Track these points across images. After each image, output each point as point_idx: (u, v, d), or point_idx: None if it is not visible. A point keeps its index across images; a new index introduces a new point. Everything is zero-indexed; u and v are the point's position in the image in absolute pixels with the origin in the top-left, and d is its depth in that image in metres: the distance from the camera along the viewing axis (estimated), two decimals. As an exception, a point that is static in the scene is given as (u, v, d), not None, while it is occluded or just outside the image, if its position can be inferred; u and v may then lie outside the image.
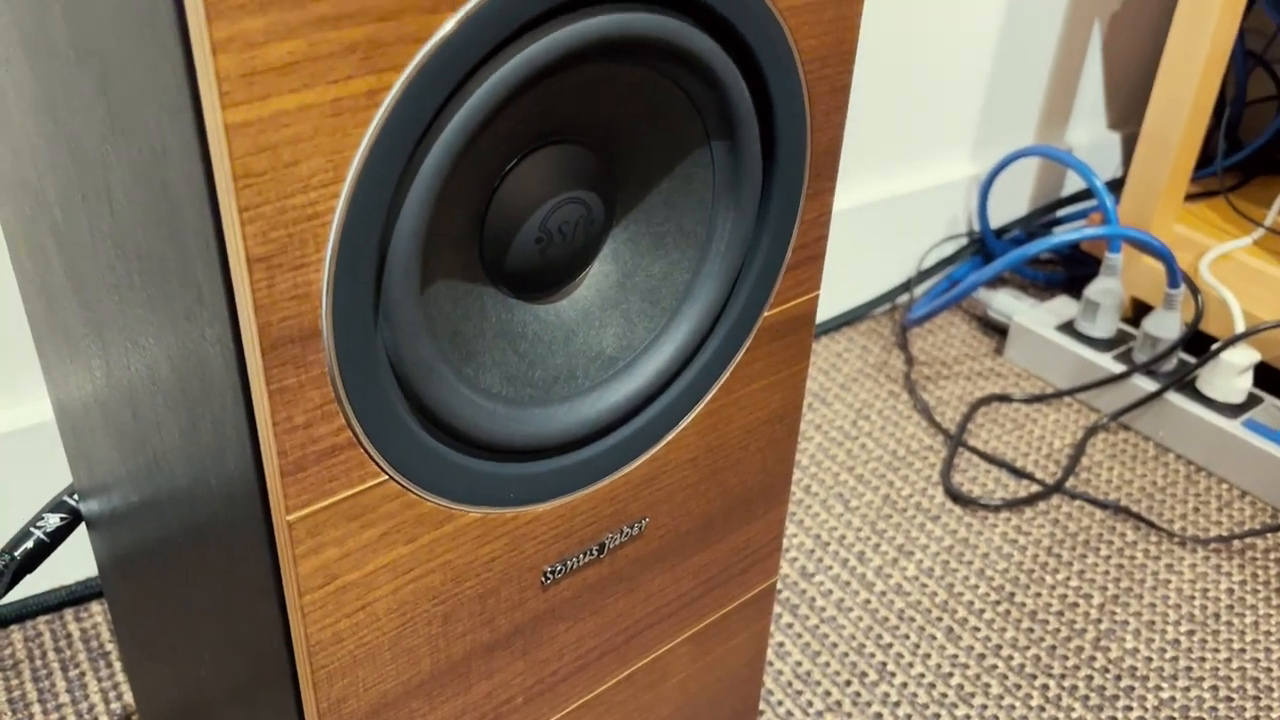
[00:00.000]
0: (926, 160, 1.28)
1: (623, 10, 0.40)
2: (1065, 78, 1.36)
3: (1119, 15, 1.37)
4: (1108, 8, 1.35)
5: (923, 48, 1.18)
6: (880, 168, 1.24)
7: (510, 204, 0.44)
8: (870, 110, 1.18)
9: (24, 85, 0.45)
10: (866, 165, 1.22)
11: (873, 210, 1.24)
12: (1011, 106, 1.33)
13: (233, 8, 0.31)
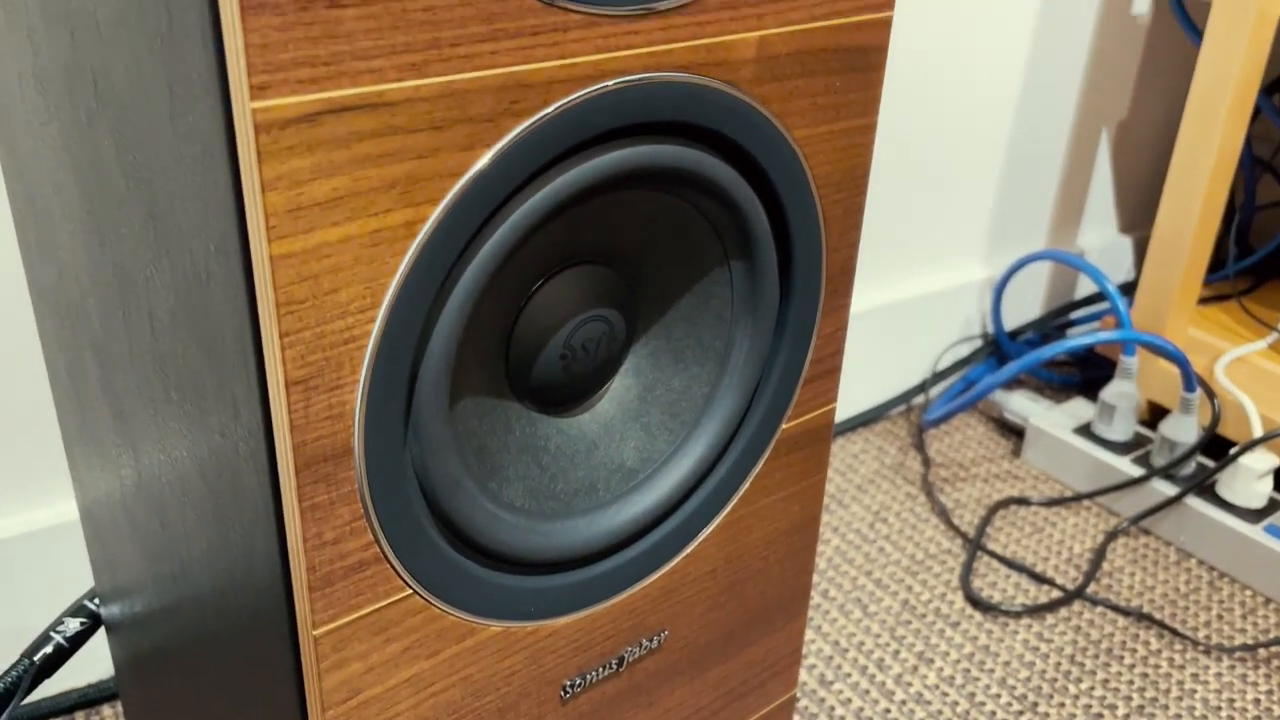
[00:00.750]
0: (940, 263, 1.30)
1: (645, 143, 0.42)
2: (1076, 183, 1.39)
3: (1126, 122, 1.40)
4: (1115, 115, 1.38)
5: (934, 153, 1.21)
6: (894, 270, 1.26)
7: (536, 323, 0.45)
8: (883, 213, 1.20)
9: (73, 209, 0.47)
10: (881, 267, 1.24)
11: (887, 312, 1.26)
12: (1023, 211, 1.35)
13: (283, 149, 0.33)
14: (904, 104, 1.16)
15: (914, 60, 1.14)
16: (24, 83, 0.48)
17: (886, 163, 1.17)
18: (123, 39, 0.37)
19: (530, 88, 0.37)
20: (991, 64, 1.21)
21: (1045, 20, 1.23)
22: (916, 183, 1.23)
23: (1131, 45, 1.34)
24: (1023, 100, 1.27)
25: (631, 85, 0.40)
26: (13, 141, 0.52)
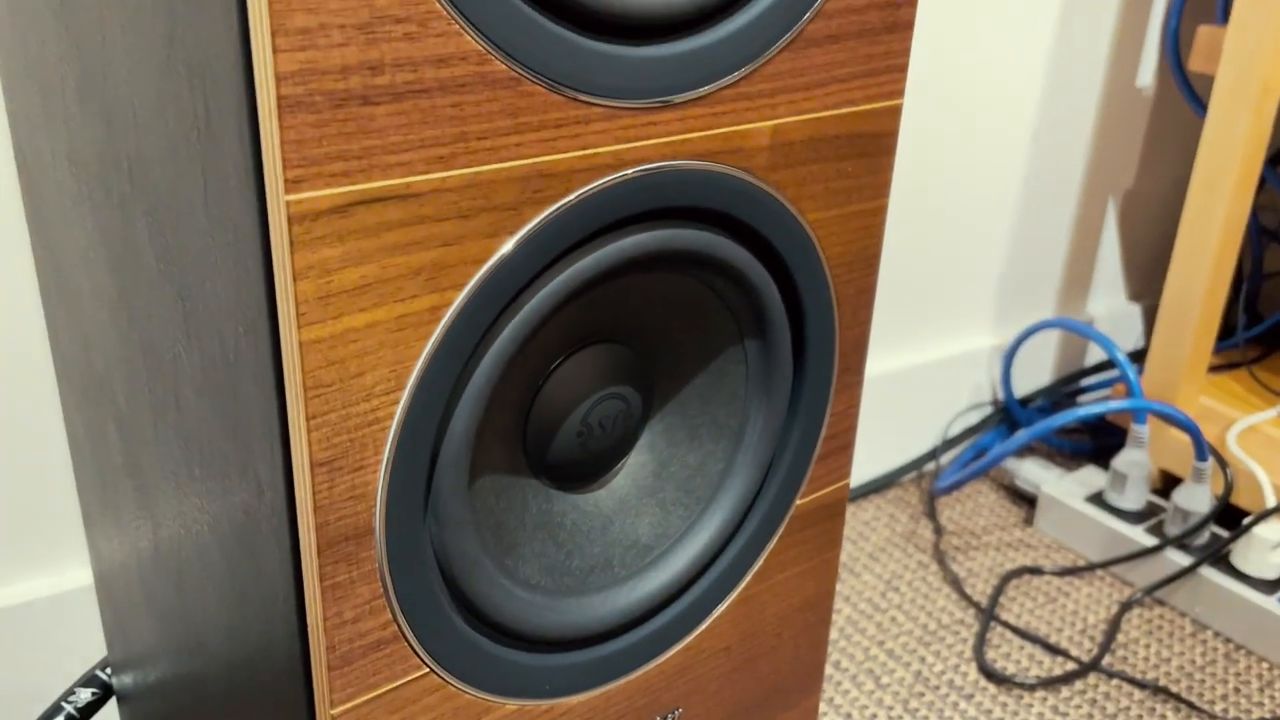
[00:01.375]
0: (949, 330, 1.31)
1: (663, 228, 0.43)
2: (1083, 251, 1.40)
3: (1132, 191, 1.42)
4: (1122, 184, 1.40)
5: (943, 220, 1.22)
6: (904, 337, 1.27)
7: (554, 400, 0.46)
8: (893, 281, 1.21)
9: (102, 287, 0.48)
10: (891, 334, 1.25)
11: (898, 378, 1.26)
12: (1032, 279, 1.36)
13: (314, 239, 0.34)
14: (913, 172, 1.18)
15: (923, 129, 1.16)
16: (57, 163, 0.49)
17: (895, 230, 1.18)
18: (159, 128, 0.38)
19: (553, 177, 0.39)
20: (999, 133, 1.23)
21: (1051, 91, 1.25)
22: (926, 250, 1.24)
23: (1136, 116, 1.37)
24: (1030, 169, 1.29)
25: (650, 173, 0.41)
26: (44, 220, 0.54)
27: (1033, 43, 1.19)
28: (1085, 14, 1.23)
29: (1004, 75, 1.20)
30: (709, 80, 0.41)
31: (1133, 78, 1.33)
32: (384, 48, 0.33)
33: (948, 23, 1.09)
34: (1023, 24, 1.16)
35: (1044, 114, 1.26)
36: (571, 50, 0.37)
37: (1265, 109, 1.10)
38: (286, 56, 0.31)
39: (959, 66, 1.14)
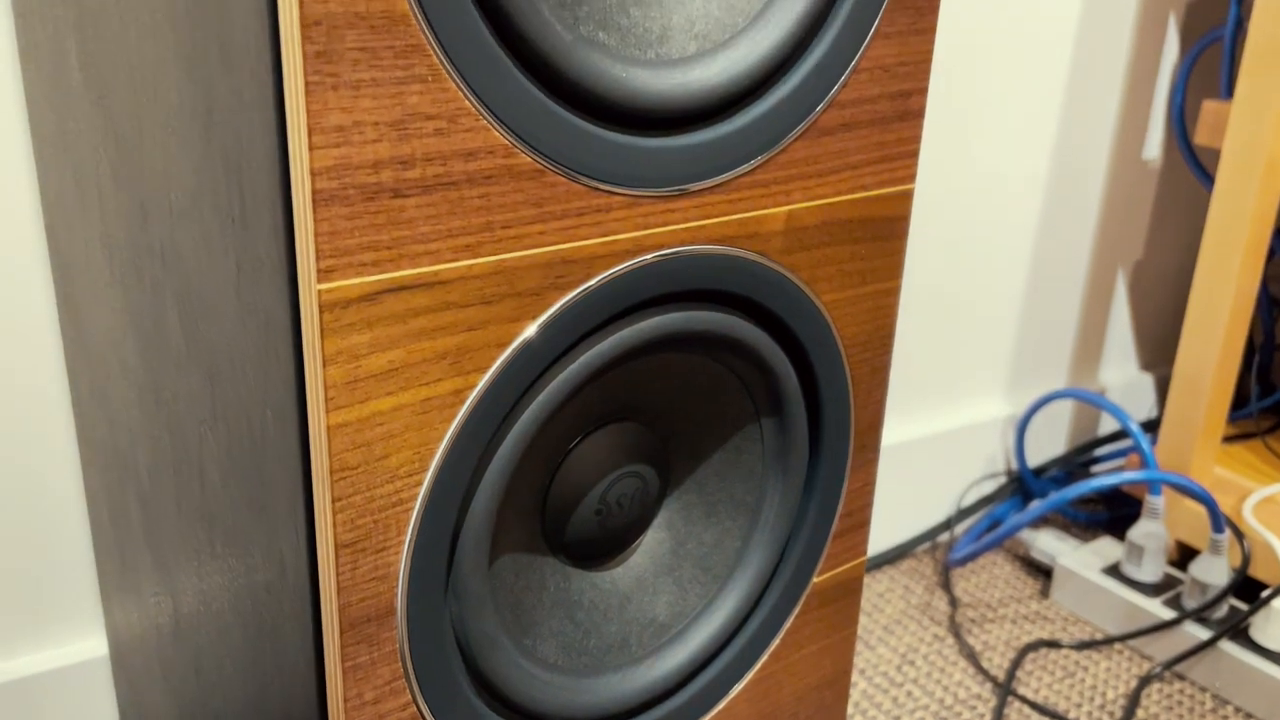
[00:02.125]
0: (962, 400, 1.32)
1: (681, 310, 0.44)
2: (1094, 321, 1.41)
3: (1142, 262, 1.43)
4: (1131, 255, 1.41)
5: (954, 290, 1.23)
6: (917, 407, 1.27)
7: (573, 479, 0.46)
8: (905, 351, 1.22)
9: (130, 367, 0.49)
10: (903, 404, 1.25)
11: (911, 448, 1.26)
12: (1043, 348, 1.37)
13: (344, 325, 0.35)
14: (924, 243, 1.19)
15: (934, 201, 1.17)
16: (90, 246, 0.51)
17: (908, 301, 1.19)
18: (194, 217, 0.39)
19: (574, 263, 0.40)
20: (1009, 204, 1.24)
21: (1059, 164, 1.27)
22: (938, 319, 1.25)
23: (1144, 188, 1.38)
24: (1040, 239, 1.30)
25: (668, 258, 0.42)
26: (74, 297, 0.55)
27: (1041, 116, 1.21)
28: (1091, 88, 1.25)
29: (1013, 148, 1.21)
30: (726, 169, 0.42)
31: (1140, 150, 1.35)
32: (415, 143, 0.34)
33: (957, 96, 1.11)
34: (1030, 98, 1.18)
35: (1053, 186, 1.28)
36: (594, 142, 0.38)
37: (1272, 182, 1.11)
38: (322, 153, 0.32)
39: (969, 139, 1.16)
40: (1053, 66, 1.21)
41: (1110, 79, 1.26)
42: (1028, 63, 1.16)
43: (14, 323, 0.62)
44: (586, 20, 0.38)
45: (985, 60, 1.12)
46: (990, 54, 1.12)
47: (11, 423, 0.65)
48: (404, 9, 0.32)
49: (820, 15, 0.43)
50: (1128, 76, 1.28)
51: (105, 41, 0.43)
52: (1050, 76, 1.19)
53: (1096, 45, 1.24)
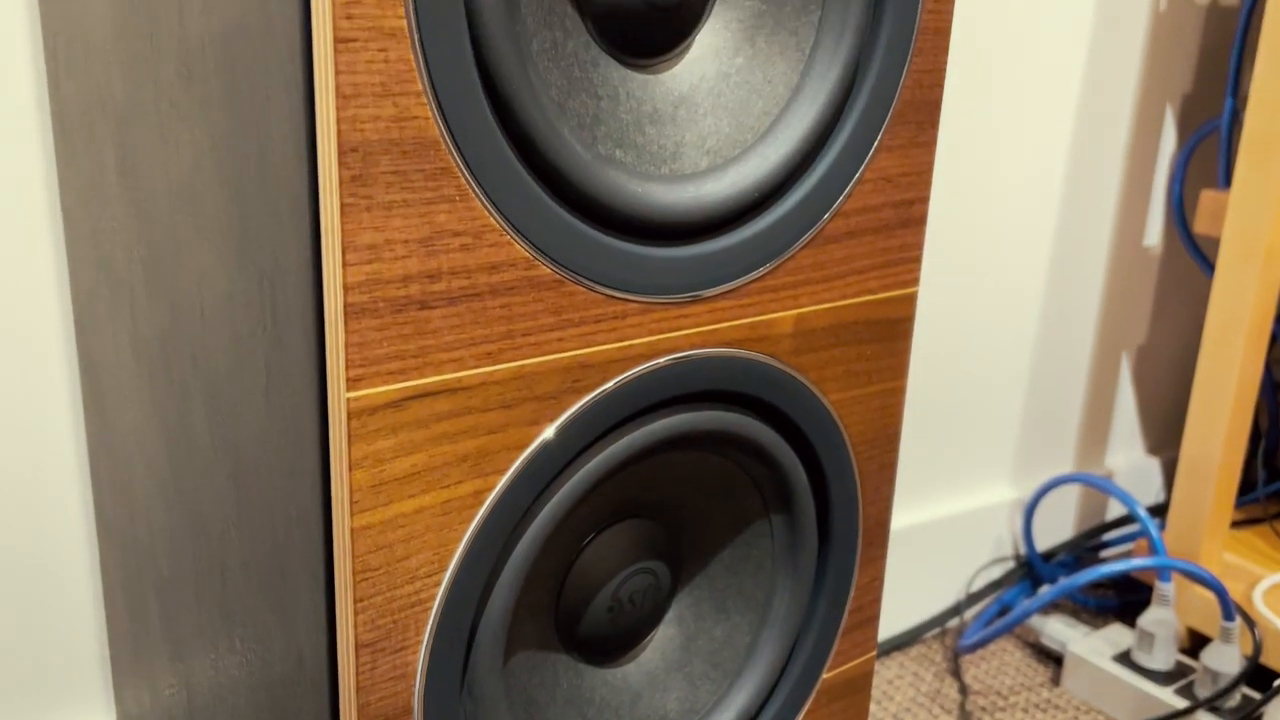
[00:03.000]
0: (969, 484, 1.32)
1: (693, 410, 0.45)
2: (1099, 405, 1.42)
3: (1145, 346, 1.44)
4: (1134, 340, 1.43)
5: (959, 375, 1.24)
6: (924, 492, 1.27)
7: (586, 576, 0.47)
8: (910, 436, 1.23)
9: (155, 463, 0.50)
10: (910, 489, 1.26)
11: (917, 533, 1.26)
12: (1049, 432, 1.37)
13: (370, 431, 0.36)
14: (929, 329, 1.21)
15: (939, 287, 1.19)
16: (119, 343, 0.52)
17: (914, 386, 1.21)
18: (225, 322, 0.41)
19: (591, 368, 0.41)
20: (1012, 290, 1.26)
21: (1060, 251, 1.29)
22: (944, 403, 1.26)
23: (1146, 273, 1.40)
24: (1043, 325, 1.32)
25: (681, 362, 0.44)
26: (100, 392, 0.56)
27: (1041, 204, 1.24)
28: (1091, 177, 1.28)
29: (1014, 235, 1.24)
30: (737, 275, 0.44)
31: (1140, 237, 1.38)
32: (442, 258, 0.36)
33: (961, 184, 1.14)
34: (1031, 186, 1.21)
35: (1055, 272, 1.30)
36: (611, 253, 0.40)
37: (1271, 271, 1.13)
38: (354, 269, 0.34)
39: (972, 226, 1.18)
40: (1053, 155, 1.23)
41: (1110, 168, 1.29)
42: (1028, 152, 1.19)
43: (38, 413, 0.63)
44: (605, 139, 0.40)
45: (986, 150, 1.15)
46: (991, 143, 1.15)
47: (30, 509, 0.66)
48: (434, 134, 0.34)
49: (826, 131, 0.45)
50: (1127, 166, 1.31)
51: (144, 152, 0.45)
52: (1050, 165, 1.22)
53: (1095, 135, 1.27)
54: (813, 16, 0.44)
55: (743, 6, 0.44)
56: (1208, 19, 1.33)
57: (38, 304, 0.61)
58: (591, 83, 0.40)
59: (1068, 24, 1.15)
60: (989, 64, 1.09)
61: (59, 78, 0.53)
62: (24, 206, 0.59)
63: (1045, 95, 1.17)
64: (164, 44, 0.41)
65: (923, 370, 1.20)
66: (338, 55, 0.32)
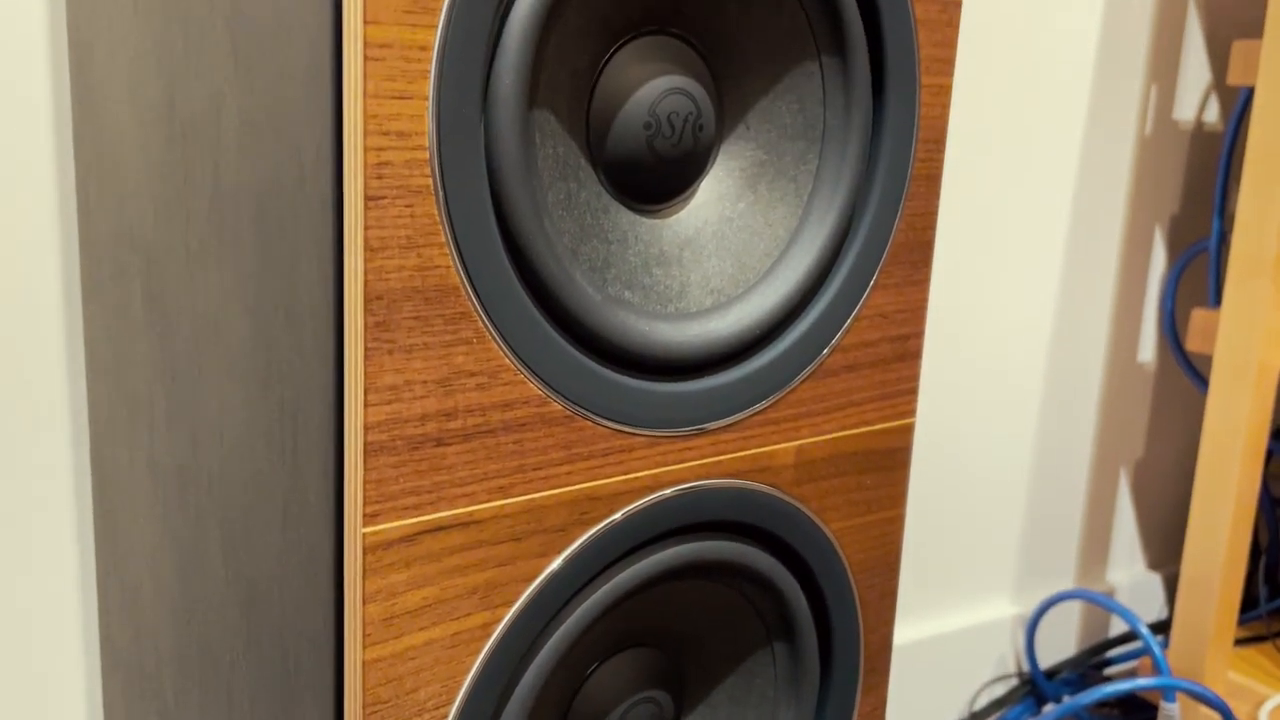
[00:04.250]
0: (969, 600, 1.31)
1: (697, 540, 0.46)
2: (1099, 520, 1.42)
3: (1143, 461, 1.45)
4: (1132, 454, 1.44)
5: (957, 491, 1.25)
6: (923, 608, 1.27)
7: (590, 705, 0.47)
8: (909, 552, 1.23)
9: (165, 587, 0.51)
10: (910, 605, 1.25)
11: (919, 650, 1.25)
12: (1050, 548, 1.37)
13: (384, 565, 0.37)
14: (927, 446, 1.22)
15: (935, 406, 1.21)
16: (135, 469, 0.53)
17: (913, 503, 1.21)
18: (244, 454, 0.42)
19: (599, 500, 0.42)
20: (1008, 406, 1.28)
21: (1055, 367, 1.31)
22: (942, 520, 1.26)
23: (1141, 389, 1.42)
24: (1040, 441, 1.33)
25: (686, 493, 0.45)
26: (113, 513, 0.57)
27: (1035, 323, 1.26)
28: (1084, 295, 1.30)
29: (1010, 352, 1.26)
30: (740, 409, 0.46)
31: (1134, 354, 1.40)
32: (458, 397, 0.37)
33: (955, 310, 1.16)
34: (1024, 306, 1.23)
35: (1050, 388, 1.31)
36: (620, 389, 0.42)
37: (1264, 388, 1.15)
38: (375, 409, 0.35)
39: (967, 345, 1.20)
40: (1046, 275, 1.26)
41: (1102, 287, 1.32)
42: (1021, 272, 1.22)
43: (49, 529, 0.64)
44: (614, 281, 0.42)
45: (980, 266, 1.18)
46: (985, 264, 1.18)
47: (31, 626, 0.66)
48: (455, 282, 0.36)
49: (824, 271, 0.47)
50: (1118, 284, 1.34)
51: (172, 287, 0.47)
52: (1044, 285, 1.24)
53: (1087, 255, 1.30)
54: (810, 165, 0.46)
55: (744, 156, 0.46)
56: (1192, 142, 1.38)
57: (53, 426, 0.62)
58: (603, 228, 0.42)
59: (1056, 147, 1.20)
60: (982, 187, 1.13)
61: (89, 210, 0.55)
62: (45, 331, 0.61)
63: (1037, 217, 1.20)
64: (198, 188, 0.43)
65: (922, 487, 1.21)
66: (368, 211, 0.34)
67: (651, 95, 0.42)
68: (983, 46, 1.07)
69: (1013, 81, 1.11)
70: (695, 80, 0.44)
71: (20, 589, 0.65)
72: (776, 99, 0.46)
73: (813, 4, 0.44)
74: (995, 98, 1.09)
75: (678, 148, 0.43)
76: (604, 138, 0.42)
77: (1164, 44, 1.26)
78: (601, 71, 0.42)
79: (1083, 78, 1.19)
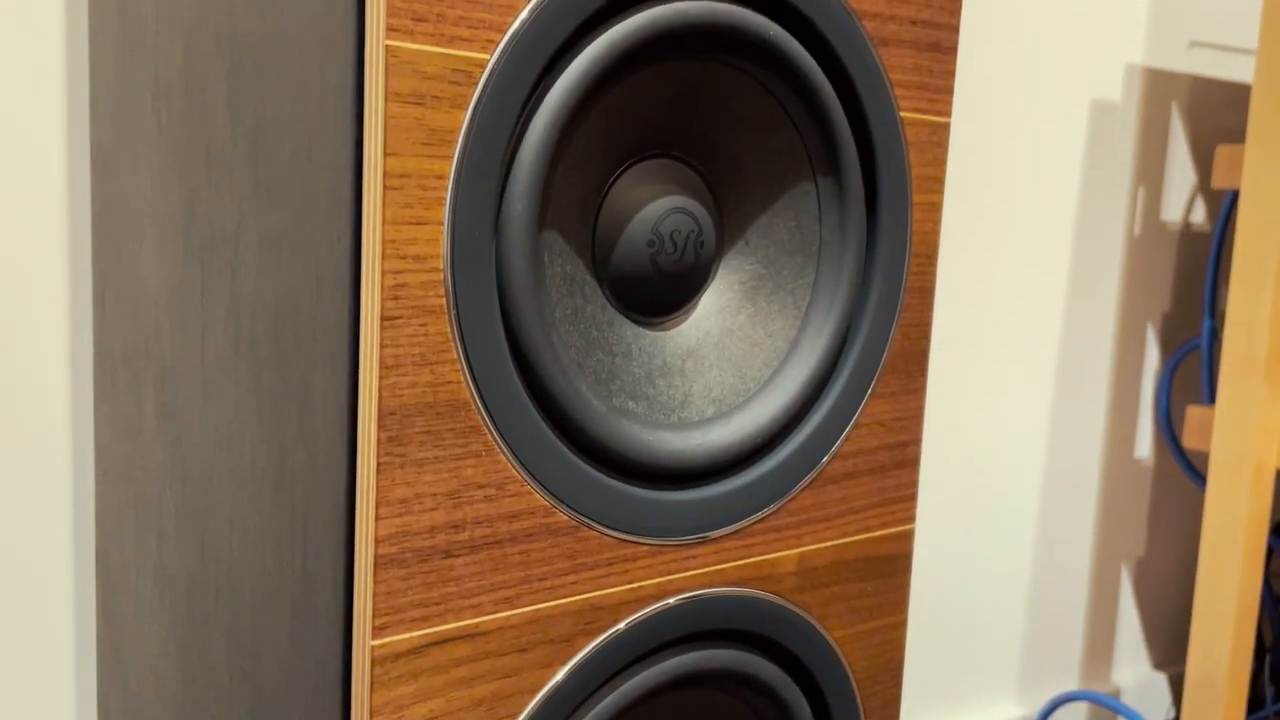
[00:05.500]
0: (973, 703, 1.30)
1: (702, 649, 0.46)
2: (1102, 619, 1.41)
3: (1145, 559, 1.45)
4: (1133, 552, 1.43)
5: (959, 590, 1.24)
6: (927, 711, 1.25)
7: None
8: (911, 655, 1.22)
9: (169, 693, 0.51)
10: (913, 708, 1.24)
11: (926, 755, 1.23)
12: (1054, 648, 1.36)
13: (392, 678, 0.37)
14: (928, 551, 1.22)
15: (935, 507, 1.21)
16: (141, 575, 0.54)
17: (914, 607, 1.20)
18: (254, 563, 0.43)
19: (603, 609, 0.43)
20: (1007, 507, 1.28)
21: (1053, 466, 1.31)
22: (943, 623, 1.25)
23: (1139, 486, 1.42)
24: (1041, 541, 1.33)
25: (689, 601, 0.45)
26: (118, 616, 0.57)
27: (1031, 423, 1.27)
28: (1079, 394, 1.32)
29: (1008, 453, 1.27)
30: (742, 517, 0.46)
31: (1131, 451, 1.40)
32: (466, 509, 0.38)
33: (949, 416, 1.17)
34: (1019, 405, 1.24)
35: (1049, 489, 1.32)
36: (624, 499, 0.42)
37: (1261, 486, 1.15)
38: (386, 522, 0.36)
39: (965, 449, 1.21)
40: (1041, 374, 1.28)
41: (1097, 386, 1.33)
42: (1016, 373, 1.24)
43: (51, 632, 0.64)
44: (619, 392, 0.43)
45: (976, 368, 1.19)
46: (979, 361, 1.20)
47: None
48: (465, 397, 0.37)
49: (822, 381, 0.48)
50: (1113, 383, 1.35)
51: (186, 397, 0.48)
52: (1039, 384, 1.26)
53: (1081, 355, 1.32)
54: (808, 279, 0.48)
55: (744, 270, 0.48)
56: (1180, 242, 1.41)
57: (59, 526, 0.63)
58: (608, 341, 0.44)
59: (1048, 249, 1.22)
60: (977, 290, 1.15)
61: (105, 316, 0.57)
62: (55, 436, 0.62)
63: (1031, 317, 1.22)
64: (215, 301, 0.45)
65: (924, 590, 1.20)
66: (384, 330, 0.35)
67: (655, 214, 0.44)
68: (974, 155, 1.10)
69: (1003, 188, 1.14)
70: (696, 199, 0.46)
71: (18, 690, 0.64)
72: (775, 216, 0.48)
73: (808, 128, 0.46)
74: (987, 205, 1.12)
75: (680, 264, 0.45)
76: (609, 255, 0.44)
77: (1149, 148, 1.30)
78: (607, 193, 0.44)
79: (1071, 182, 1.22)
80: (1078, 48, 1.18)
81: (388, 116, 0.35)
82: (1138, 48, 1.26)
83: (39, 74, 0.59)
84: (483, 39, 0.36)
